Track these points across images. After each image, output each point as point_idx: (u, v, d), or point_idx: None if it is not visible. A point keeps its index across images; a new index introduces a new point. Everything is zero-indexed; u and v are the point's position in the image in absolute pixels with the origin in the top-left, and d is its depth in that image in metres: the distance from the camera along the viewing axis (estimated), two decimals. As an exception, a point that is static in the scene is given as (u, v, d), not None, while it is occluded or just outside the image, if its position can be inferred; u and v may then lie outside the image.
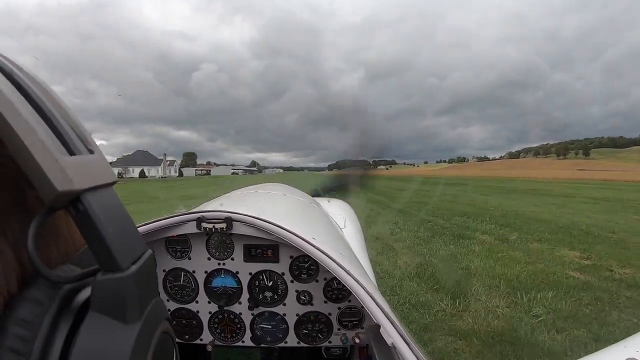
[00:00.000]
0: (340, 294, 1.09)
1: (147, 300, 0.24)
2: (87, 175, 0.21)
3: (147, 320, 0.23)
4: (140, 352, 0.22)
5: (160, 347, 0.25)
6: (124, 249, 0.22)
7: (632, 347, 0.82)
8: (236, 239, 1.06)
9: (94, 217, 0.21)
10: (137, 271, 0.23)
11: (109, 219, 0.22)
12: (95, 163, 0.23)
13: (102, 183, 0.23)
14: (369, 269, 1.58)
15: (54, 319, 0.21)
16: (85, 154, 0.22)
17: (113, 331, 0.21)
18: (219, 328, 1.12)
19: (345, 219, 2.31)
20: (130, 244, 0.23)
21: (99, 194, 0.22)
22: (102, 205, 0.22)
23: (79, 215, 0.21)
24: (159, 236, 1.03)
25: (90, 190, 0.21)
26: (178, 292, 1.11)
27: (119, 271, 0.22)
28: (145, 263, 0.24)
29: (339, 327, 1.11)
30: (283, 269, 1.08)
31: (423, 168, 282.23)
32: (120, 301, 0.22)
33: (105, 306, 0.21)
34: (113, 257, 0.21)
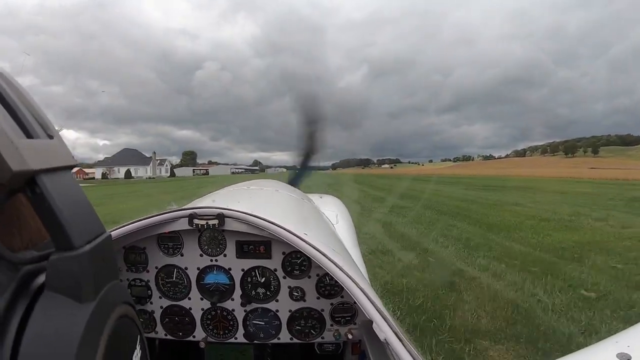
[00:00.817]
0: (333, 290, 1.11)
1: (103, 281, 0.24)
2: (43, 157, 0.22)
3: (103, 300, 0.23)
4: (94, 332, 0.22)
5: (118, 330, 0.25)
6: (79, 228, 0.23)
7: (623, 341, 0.83)
8: (228, 235, 1.08)
9: (49, 197, 0.22)
10: (91, 250, 0.23)
11: (64, 200, 0.22)
12: (53, 147, 0.24)
13: (58, 165, 0.23)
14: (361, 265, 1.60)
15: (11, 298, 0.21)
16: (44, 138, 0.23)
17: (66, 309, 0.22)
18: (212, 325, 1.13)
19: (338, 215, 2.34)
20: (86, 225, 0.24)
21: (55, 176, 0.23)
22: (58, 186, 0.23)
23: (35, 197, 0.22)
24: (150, 233, 1.05)
25: (45, 171, 0.22)
26: (170, 289, 1.13)
27: (72, 250, 0.22)
28: (101, 243, 0.25)
29: (331, 323, 1.13)
30: (275, 265, 1.09)
31: (428, 167, 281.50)
32: (73, 279, 0.22)
33: (59, 284, 0.22)
34: (67, 235, 0.22)
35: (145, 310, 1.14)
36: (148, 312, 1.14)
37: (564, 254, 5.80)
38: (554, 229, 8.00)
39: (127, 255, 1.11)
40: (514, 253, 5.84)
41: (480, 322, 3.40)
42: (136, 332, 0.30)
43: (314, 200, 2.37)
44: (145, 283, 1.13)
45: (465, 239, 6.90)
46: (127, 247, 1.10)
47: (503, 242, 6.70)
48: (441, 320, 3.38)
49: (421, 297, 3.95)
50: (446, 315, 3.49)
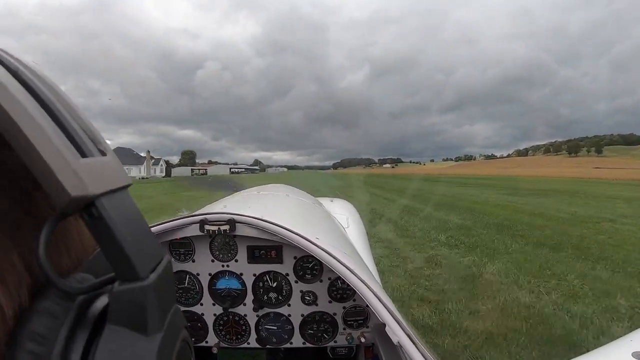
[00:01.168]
0: (345, 294, 1.11)
1: (167, 310, 0.23)
2: (100, 179, 0.21)
3: (169, 330, 0.23)
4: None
5: (181, 356, 0.25)
6: (142, 256, 0.22)
7: (638, 341, 0.83)
8: (240, 240, 1.09)
9: (110, 222, 0.20)
10: (156, 280, 0.22)
11: (125, 225, 0.21)
12: (108, 165, 0.22)
13: (116, 186, 0.22)
14: (372, 268, 1.61)
15: (69, 332, 0.20)
16: (98, 156, 0.21)
17: (134, 344, 0.21)
18: (224, 330, 1.14)
19: (348, 218, 2.36)
20: (148, 251, 0.23)
21: (114, 198, 0.21)
22: (118, 210, 0.21)
23: (94, 222, 0.20)
24: (162, 239, 1.05)
25: (104, 194, 0.21)
26: (182, 295, 1.14)
27: (138, 280, 0.21)
28: (164, 270, 0.24)
29: (344, 326, 1.13)
30: (287, 270, 1.10)
31: (430, 166, 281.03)
32: (140, 312, 0.21)
33: (124, 318, 0.21)
34: (132, 265, 0.21)
35: None
36: None
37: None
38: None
39: None
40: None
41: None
42: (190, 353, 0.29)
43: (325, 204, 2.39)
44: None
45: (597, 289, 4.00)
46: None
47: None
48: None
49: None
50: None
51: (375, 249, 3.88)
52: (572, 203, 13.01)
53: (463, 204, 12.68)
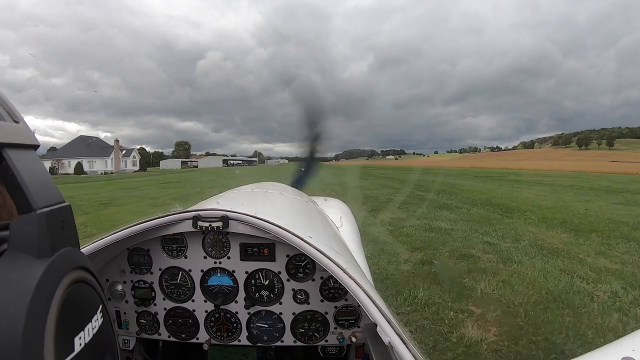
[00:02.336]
0: (337, 293, 1.14)
1: (60, 243, 0.28)
2: (8, 135, 0.27)
3: (58, 260, 0.27)
4: (47, 288, 0.26)
5: (75, 291, 0.29)
6: (38, 194, 0.27)
7: (628, 346, 0.85)
8: (232, 237, 1.11)
9: (12, 166, 0.26)
10: (47, 212, 0.27)
11: (27, 170, 0.27)
12: (18, 129, 0.29)
13: (22, 143, 0.28)
14: (365, 268, 1.63)
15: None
16: (10, 121, 0.28)
17: (23, 264, 0.25)
18: (215, 327, 1.17)
19: (342, 217, 2.39)
20: (46, 193, 0.28)
21: (19, 152, 0.28)
22: (22, 160, 0.27)
23: (1, 169, 0.27)
24: (155, 235, 1.08)
25: (10, 146, 0.27)
26: (174, 291, 1.17)
27: (31, 212, 0.27)
28: (59, 209, 0.29)
29: (335, 326, 1.16)
30: (279, 268, 1.13)
31: (435, 158, 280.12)
32: (31, 236, 0.26)
33: (19, 242, 0.26)
34: (27, 200, 0.27)
35: (149, 312, 1.18)
36: (152, 313, 1.18)
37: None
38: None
39: (131, 257, 1.15)
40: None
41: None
42: (97, 299, 0.33)
43: (318, 203, 2.42)
44: (149, 285, 1.17)
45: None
46: (131, 248, 1.14)
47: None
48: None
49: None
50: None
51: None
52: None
53: (511, 204, 10.25)
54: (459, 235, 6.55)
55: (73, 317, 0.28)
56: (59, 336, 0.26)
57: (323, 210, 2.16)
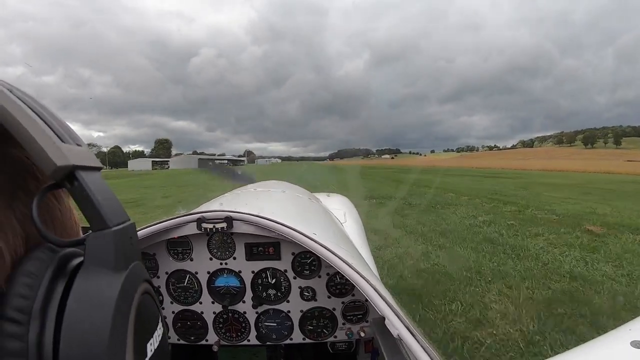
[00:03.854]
0: (344, 289, 1.19)
1: (130, 258, 0.32)
2: (78, 157, 0.30)
3: (131, 273, 0.31)
4: (126, 298, 0.29)
5: (144, 303, 0.33)
6: (110, 213, 0.31)
7: (636, 330, 0.87)
8: (237, 238, 1.15)
9: (86, 187, 0.30)
10: (121, 230, 0.31)
11: (97, 191, 0.30)
12: (82, 151, 0.32)
13: (90, 165, 0.32)
14: (371, 262, 1.69)
15: (54, 272, 0.29)
16: (74, 145, 0.32)
17: (103, 277, 0.29)
18: (224, 328, 1.21)
19: (346, 213, 2.45)
20: (115, 212, 0.32)
21: (89, 173, 0.31)
22: (92, 181, 0.31)
23: (74, 188, 0.30)
24: (160, 238, 1.12)
25: (82, 168, 0.30)
26: (181, 294, 1.20)
27: (107, 229, 0.30)
28: (128, 227, 0.33)
29: (343, 321, 1.21)
30: (285, 266, 1.17)
31: (432, 157, 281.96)
32: (108, 251, 0.30)
33: (96, 257, 0.29)
34: (102, 218, 0.30)
35: None
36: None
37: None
38: None
39: None
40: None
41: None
42: (157, 310, 0.37)
43: (321, 199, 2.48)
44: (156, 289, 1.20)
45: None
46: None
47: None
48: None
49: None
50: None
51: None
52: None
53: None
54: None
55: (145, 325, 0.32)
56: (136, 342, 0.29)
57: (326, 207, 2.22)
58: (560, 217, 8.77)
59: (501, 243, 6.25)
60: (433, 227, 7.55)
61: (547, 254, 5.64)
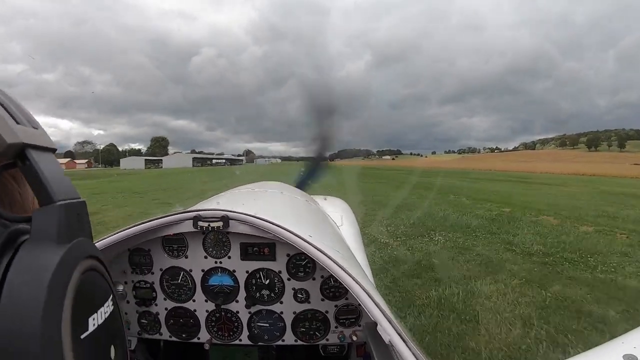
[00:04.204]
0: (337, 292, 1.20)
1: (74, 234, 0.33)
2: (30, 137, 0.33)
3: (73, 247, 0.32)
4: (66, 268, 0.30)
5: (87, 279, 0.34)
6: (57, 190, 0.33)
7: (629, 343, 0.89)
8: (233, 237, 1.16)
9: (35, 165, 0.32)
10: (66, 204, 0.33)
11: (47, 169, 0.32)
12: (37, 133, 0.35)
13: (43, 145, 0.34)
14: (365, 267, 1.70)
15: (1, 245, 0.30)
16: (29, 127, 0.34)
17: (44, 250, 0.30)
18: (216, 326, 1.23)
19: (342, 216, 2.47)
20: (63, 189, 0.34)
21: (40, 153, 0.33)
22: (42, 159, 0.33)
23: (25, 167, 0.32)
24: (155, 235, 1.13)
25: (33, 147, 0.32)
26: (175, 291, 1.22)
27: (52, 203, 0.32)
28: (75, 204, 0.35)
29: (336, 325, 1.22)
30: (280, 267, 1.18)
31: (433, 159, 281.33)
32: (51, 225, 0.31)
33: (40, 230, 0.31)
34: (48, 193, 0.32)
35: (150, 312, 1.23)
36: (153, 313, 1.23)
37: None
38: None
39: (132, 257, 1.20)
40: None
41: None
42: (108, 288, 0.38)
43: (319, 202, 2.51)
44: (150, 285, 1.22)
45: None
46: (131, 249, 1.19)
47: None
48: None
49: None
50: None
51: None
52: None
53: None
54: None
55: (87, 299, 0.33)
56: (75, 314, 0.30)
57: (324, 209, 2.24)
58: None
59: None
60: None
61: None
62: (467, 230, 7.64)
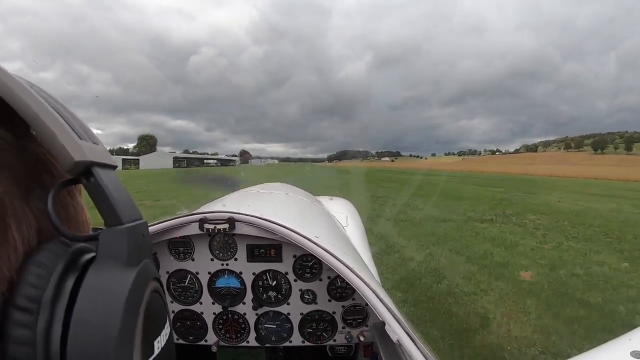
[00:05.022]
0: (344, 292, 1.22)
1: (142, 256, 0.34)
2: (95, 154, 0.33)
3: (142, 270, 0.32)
4: (137, 295, 0.30)
5: (152, 301, 0.34)
6: (124, 210, 0.33)
7: (636, 339, 0.92)
8: (239, 239, 1.19)
9: (102, 184, 0.32)
10: (134, 227, 0.33)
11: (113, 188, 0.33)
12: (99, 149, 0.35)
13: (107, 163, 0.34)
14: (372, 267, 1.73)
15: (66, 264, 0.30)
16: (91, 143, 0.34)
17: (115, 272, 0.30)
18: (224, 329, 1.25)
19: (348, 217, 2.52)
20: (129, 209, 0.34)
21: (105, 171, 0.33)
22: (107, 178, 0.33)
23: (90, 184, 0.32)
24: (162, 238, 1.15)
25: (98, 164, 0.32)
26: (182, 294, 1.24)
27: (121, 225, 0.32)
28: (141, 224, 0.35)
29: (343, 325, 1.24)
30: (286, 269, 1.21)
31: (433, 161, 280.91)
32: (121, 247, 0.31)
33: (108, 252, 0.31)
34: (117, 214, 0.32)
35: None
36: None
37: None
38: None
39: None
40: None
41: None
42: (165, 309, 0.39)
43: (324, 203, 2.55)
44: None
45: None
46: None
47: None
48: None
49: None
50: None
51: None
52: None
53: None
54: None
55: (153, 322, 0.34)
56: (144, 339, 0.31)
57: (329, 210, 2.27)
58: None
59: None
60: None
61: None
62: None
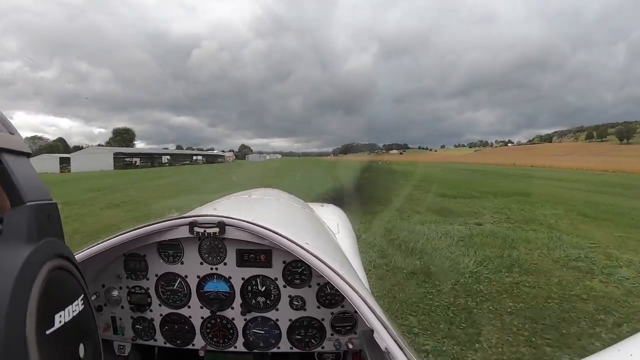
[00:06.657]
0: (334, 299, 1.26)
1: (43, 233, 0.37)
2: (5, 143, 0.37)
3: (42, 246, 0.36)
4: (33, 265, 0.34)
5: (56, 277, 0.38)
6: (29, 191, 0.37)
7: (625, 350, 0.94)
8: (229, 243, 1.22)
9: (7, 166, 0.36)
10: (36, 205, 0.37)
11: (20, 172, 0.37)
12: (12, 138, 0.39)
13: (17, 149, 0.39)
14: (362, 274, 1.76)
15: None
16: (6, 132, 0.39)
17: (13, 248, 0.34)
18: (211, 333, 1.29)
19: (339, 224, 2.57)
20: (35, 191, 0.38)
21: (14, 157, 0.38)
22: (16, 163, 0.37)
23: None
24: (151, 240, 1.19)
25: (7, 151, 0.37)
26: (170, 297, 1.28)
27: (22, 204, 0.36)
28: (46, 205, 0.39)
29: (332, 332, 1.28)
30: (276, 274, 1.24)
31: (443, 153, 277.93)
32: (21, 223, 0.35)
33: (10, 229, 0.35)
34: (19, 194, 0.36)
35: (145, 318, 1.29)
36: (147, 319, 1.29)
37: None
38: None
39: (127, 263, 1.26)
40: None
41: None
42: (79, 288, 0.42)
43: (315, 209, 2.60)
44: (145, 291, 1.28)
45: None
46: (127, 254, 1.25)
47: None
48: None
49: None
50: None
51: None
52: None
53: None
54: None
55: (55, 297, 0.37)
56: (41, 310, 0.34)
57: (320, 217, 2.31)
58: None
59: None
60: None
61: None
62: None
